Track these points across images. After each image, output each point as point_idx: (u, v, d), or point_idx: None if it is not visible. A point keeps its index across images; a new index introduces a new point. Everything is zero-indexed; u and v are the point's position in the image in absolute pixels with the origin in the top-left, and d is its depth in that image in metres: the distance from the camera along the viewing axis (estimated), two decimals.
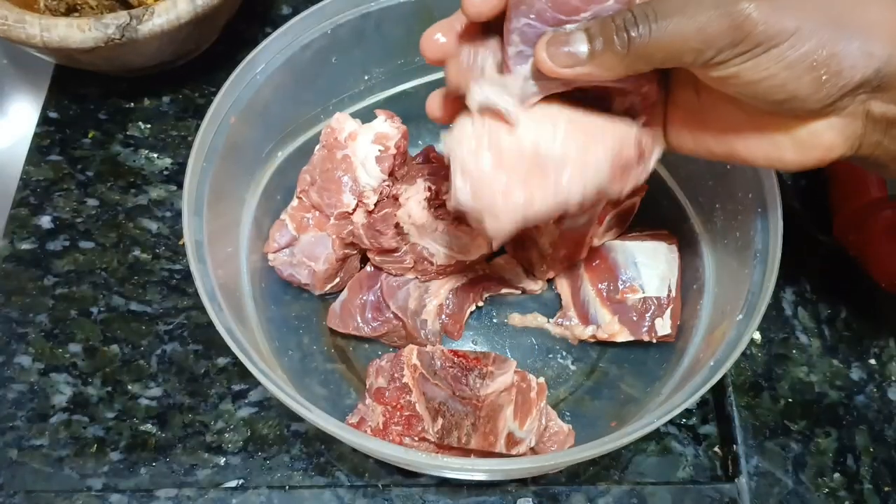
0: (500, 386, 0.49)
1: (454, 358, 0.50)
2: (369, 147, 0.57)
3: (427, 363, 0.51)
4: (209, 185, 0.49)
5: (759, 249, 0.48)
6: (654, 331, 0.56)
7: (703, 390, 0.43)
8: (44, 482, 0.54)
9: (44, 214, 0.64)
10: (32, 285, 0.61)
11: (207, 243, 0.47)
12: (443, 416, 0.50)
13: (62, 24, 0.57)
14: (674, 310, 0.57)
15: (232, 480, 0.54)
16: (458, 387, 0.49)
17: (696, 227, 0.58)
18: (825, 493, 0.54)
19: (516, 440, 0.50)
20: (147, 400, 0.57)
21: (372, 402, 0.51)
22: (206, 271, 0.46)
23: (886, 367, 0.59)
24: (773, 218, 0.48)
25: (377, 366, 0.53)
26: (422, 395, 0.50)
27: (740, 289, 0.48)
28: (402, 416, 0.50)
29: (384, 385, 0.51)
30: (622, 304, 0.57)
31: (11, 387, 0.57)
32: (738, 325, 0.46)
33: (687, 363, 0.52)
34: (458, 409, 0.49)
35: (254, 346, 0.46)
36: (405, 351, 0.52)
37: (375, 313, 0.58)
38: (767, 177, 0.49)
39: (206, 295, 0.45)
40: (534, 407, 0.51)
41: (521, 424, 0.50)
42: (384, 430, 0.50)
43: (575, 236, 0.57)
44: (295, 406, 0.42)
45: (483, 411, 0.49)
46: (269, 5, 0.77)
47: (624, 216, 0.61)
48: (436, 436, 0.49)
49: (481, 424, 0.48)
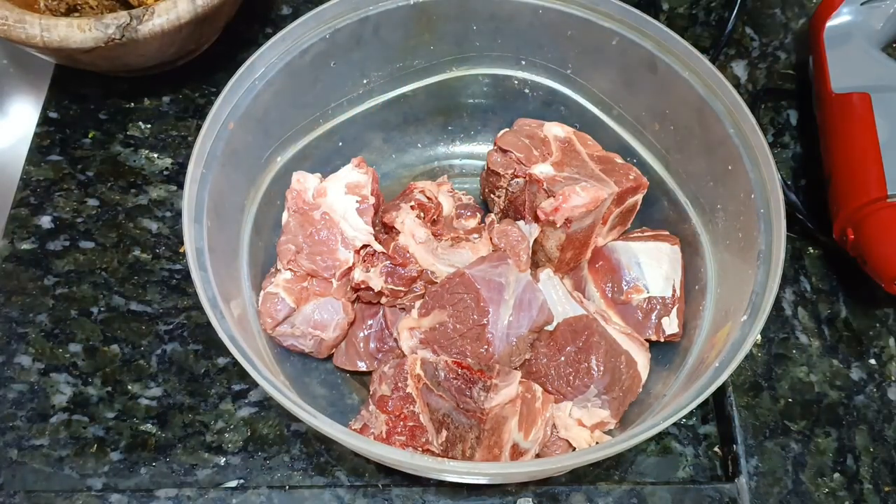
0: (505, 398, 0.48)
1: (458, 369, 0.49)
2: (345, 199, 0.56)
3: (431, 374, 0.50)
4: (209, 192, 0.49)
5: (762, 250, 0.48)
6: (660, 330, 0.56)
7: (710, 390, 0.43)
8: (44, 482, 0.54)
9: (44, 214, 0.64)
10: (33, 285, 0.61)
11: (208, 250, 0.47)
12: (447, 428, 0.49)
13: (62, 24, 0.57)
14: (679, 309, 0.57)
15: (232, 480, 0.54)
16: (461, 399, 0.48)
17: (697, 228, 0.58)
18: (825, 493, 0.54)
19: (521, 451, 0.50)
20: (147, 400, 0.57)
21: (375, 409, 0.51)
22: (207, 278, 0.46)
23: (886, 366, 0.59)
24: (776, 219, 0.48)
25: (381, 372, 0.52)
26: (426, 406, 0.50)
27: (744, 289, 0.48)
28: (406, 427, 0.50)
29: (387, 394, 0.51)
30: (627, 305, 0.57)
31: (11, 387, 0.57)
32: (742, 325, 0.46)
33: (691, 364, 0.52)
34: (463, 421, 0.48)
35: (255, 351, 0.46)
36: (409, 360, 0.51)
37: (379, 343, 0.57)
38: (770, 178, 0.49)
39: (207, 302, 0.45)
40: (539, 417, 0.50)
41: (525, 435, 0.49)
42: (387, 438, 0.50)
43: (581, 237, 0.57)
44: (300, 412, 0.42)
45: (487, 424, 0.48)
46: (269, 5, 0.77)
47: (627, 214, 0.61)
48: (440, 448, 0.49)
49: (486, 437, 0.48)
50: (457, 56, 0.63)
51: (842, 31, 0.65)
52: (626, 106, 0.61)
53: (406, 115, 0.66)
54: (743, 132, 0.52)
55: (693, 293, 0.57)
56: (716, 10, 0.76)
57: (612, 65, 0.59)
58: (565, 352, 0.53)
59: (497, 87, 0.65)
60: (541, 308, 0.54)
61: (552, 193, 0.56)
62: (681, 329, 0.56)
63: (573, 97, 0.63)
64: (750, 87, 0.72)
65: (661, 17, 0.75)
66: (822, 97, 0.64)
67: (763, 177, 0.50)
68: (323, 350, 0.56)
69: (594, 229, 0.58)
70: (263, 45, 0.53)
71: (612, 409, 0.52)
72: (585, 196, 0.55)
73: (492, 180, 0.61)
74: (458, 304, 0.52)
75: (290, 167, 0.59)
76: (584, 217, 0.55)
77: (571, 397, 0.52)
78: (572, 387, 0.52)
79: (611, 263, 0.59)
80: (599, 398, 0.52)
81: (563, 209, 0.54)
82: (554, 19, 0.58)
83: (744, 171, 0.51)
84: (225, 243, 0.52)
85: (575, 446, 0.52)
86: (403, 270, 0.55)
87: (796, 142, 0.70)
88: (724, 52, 0.72)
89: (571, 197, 0.54)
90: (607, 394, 0.52)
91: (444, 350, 0.52)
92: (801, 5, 0.75)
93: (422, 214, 0.58)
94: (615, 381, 0.52)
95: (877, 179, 0.57)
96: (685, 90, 0.55)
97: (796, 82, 0.72)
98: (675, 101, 0.56)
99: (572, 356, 0.53)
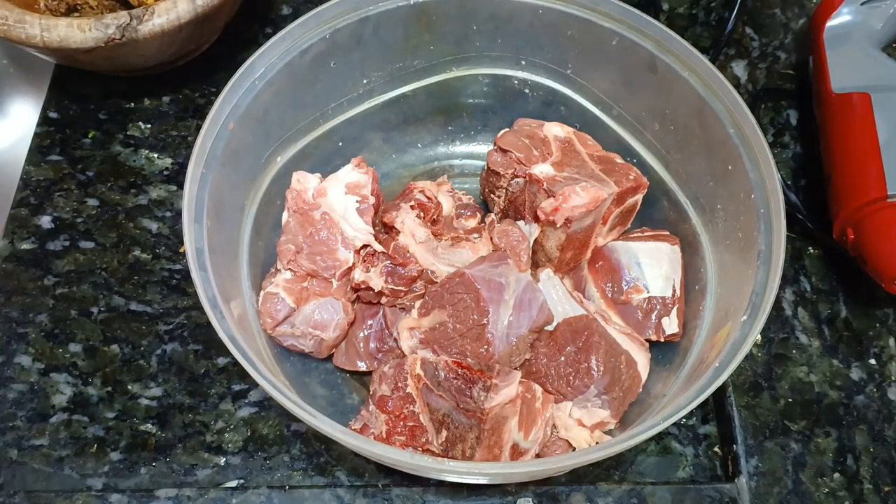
0: (505, 398, 0.48)
1: (458, 369, 0.49)
2: (345, 199, 0.56)
3: (431, 373, 0.50)
4: (209, 192, 0.49)
5: (763, 250, 0.48)
6: (661, 329, 0.56)
7: (710, 391, 0.43)
8: (44, 482, 0.54)
9: (44, 214, 0.64)
10: (33, 285, 0.61)
11: (208, 250, 0.47)
12: (447, 428, 0.49)
13: (62, 25, 0.57)
14: (679, 309, 0.57)
15: (232, 480, 0.54)
16: (461, 399, 0.48)
17: (697, 228, 0.58)
18: (825, 493, 0.54)
19: (521, 451, 0.50)
20: (147, 400, 0.57)
21: (375, 409, 0.51)
22: (207, 278, 0.46)
23: (886, 366, 0.59)
24: (776, 219, 0.48)
25: (380, 372, 0.52)
26: (426, 406, 0.50)
27: (744, 290, 0.48)
28: (406, 427, 0.50)
29: (387, 393, 0.51)
30: (627, 305, 0.57)
31: (11, 387, 0.57)
32: (742, 325, 0.46)
33: (691, 364, 0.52)
34: (463, 421, 0.48)
35: (255, 351, 0.46)
36: (409, 359, 0.51)
37: (379, 343, 0.57)
38: (770, 178, 0.49)
39: (207, 302, 0.45)
40: (539, 417, 0.50)
41: (525, 435, 0.49)
42: (387, 438, 0.50)
43: (581, 237, 0.57)
44: (299, 412, 0.42)
45: (487, 424, 0.47)
46: (269, 5, 0.77)
47: (627, 214, 0.61)
48: (440, 448, 0.49)
49: (486, 437, 0.48)
50: (457, 56, 0.63)
51: (842, 30, 0.65)
52: (626, 106, 0.61)
53: (406, 115, 0.66)
54: (743, 132, 0.52)
55: (693, 293, 0.57)
56: (716, 10, 0.76)
57: (612, 65, 0.59)
58: (565, 352, 0.53)
59: (497, 87, 0.65)
60: (541, 308, 0.54)
61: (552, 193, 0.56)
62: (681, 329, 0.56)
63: (573, 97, 0.63)
64: (750, 87, 0.72)
65: (661, 17, 0.75)
66: (822, 97, 0.64)
67: (763, 177, 0.50)
68: (323, 350, 0.56)
69: (594, 229, 0.58)
70: (263, 45, 0.53)
71: (612, 409, 0.52)
72: (585, 196, 0.55)
73: (492, 180, 0.61)
74: (458, 304, 0.52)
75: (290, 167, 0.59)
76: (583, 217, 0.55)
77: (571, 397, 0.52)
78: (572, 387, 0.52)
79: (611, 263, 0.59)
80: (599, 398, 0.52)
81: (562, 209, 0.54)
82: (554, 19, 0.58)
83: (744, 171, 0.51)
84: (225, 243, 0.52)
85: (575, 446, 0.52)
86: (403, 270, 0.55)
87: (796, 142, 0.70)
88: (724, 52, 0.72)
89: (571, 197, 0.54)
90: (607, 394, 0.52)
91: (444, 350, 0.52)
92: (801, 5, 0.75)
93: (422, 214, 0.58)
94: (615, 381, 0.52)
95: (877, 179, 0.57)
96: (685, 90, 0.55)
97: (796, 82, 0.72)
98: (676, 101, 0.56)
99: (572, 356, 0.53)
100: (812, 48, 0.66)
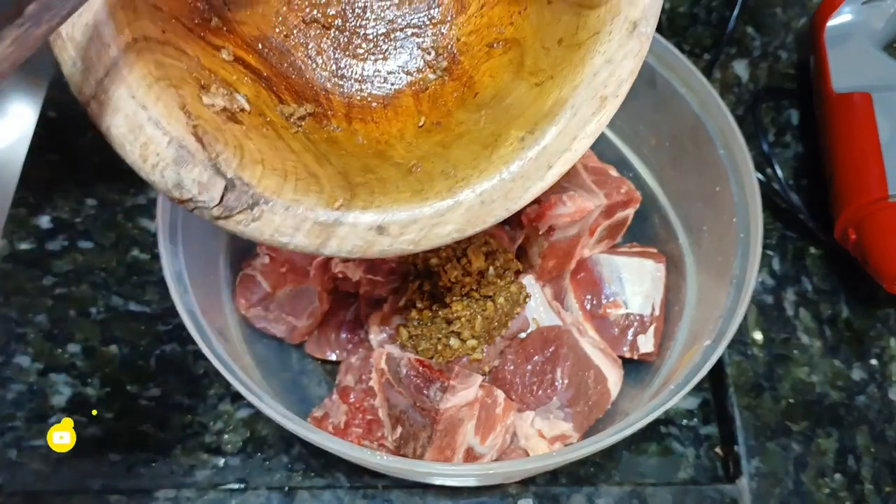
0: (462, 401, 0.48)
1: (419, 367, 0.48)
2: None
3: (393, 369, 0.49)
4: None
5: (737, 275, 0.48)
6: (635, 347, 0.55)
7: (655, 415, 0.42)
8: (43, 482, 0.53)
9: (43, 214, 0.64)
10: (31, 285, 0.61)
11: (181, 227, 0.48)
12: (402, 424, 0.49)
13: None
14: (657, 328, 0.56)
15: (231, 481, 0.54)
16: (419, 397, 0.48)
17: (684, 248, 0.57)
18: (826, 494, 0.54)
19: (476, 455, 0.49)
20: (146, 400, 0.57)
21: (338, 399, 0.51)
22: (175, 252, 0.47)
23: (887, 367, 0.59)
24: (753, 245, 0.48)
25: (348, 363, 0.53)
26: (385, 401, 0.50)
27: (714, 314, 0.48)
28: (364, 420, 0.50)
29: (351, 385, 0.51)
30: (604, 319, 0.57)
31: (11, 387, 0.57)
32: (705, 350, 0.45)
33: (657, 385, 0.52)
34: (418, 419, 0.48)
35: (219, 329, 0.46)
36: (375, 353, 0.51)
37: (350, 335, 0.57)
38: (753, 202, 0.49)
39: (172, 277, 0.45)
40: (498, 423, 0.49)
41: (482, 440, 0.48)
42: (345, 429, 0.50)
43: (565, 247, 0.56)
44: (247, 394, 0.42)
45: (440, 425, 0.47)
46: None
47: (616, 228, 0.60)
48: (394, 444, 0.49)
49: (437, 438, 0.47)
50: None
51: (843, 30, 0.64)
52: (626, 118, 0.61)
53: None
54: (732, 153, 0.51)
55: (672, 313, 0.56)
56: (717, 10, 0.76)
57: None
58: (532, 361, 0.52)
59: None
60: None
61: (538, 200, 0.55)
62: (656, 349, 0.56)
63: None
64: (751, 87, 0.71)
65: (661, 16, 0.75)
66: (823, 97, 0.64)
67: (746, 201, 0.49)
68: (295, 336, 0.57)
69: (580, 240, 0.57)
70: None
71: (575, 422, 0.52)
72: (571, 206, 0.54)
73: None
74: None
75: None
76: (568, 227, 0.54)
77: (534, 407, 0.52)
78: (535, 397, 0.51)
79: (592, 276, 0.58)
80: (563, 411, 0.51)
81: (546, 216, 0.54)
82: None
83: (729, 193, 0.51)
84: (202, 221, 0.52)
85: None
86: (381, 262, 0.55)
87: (797, 141, 0.70)
88: (725, 51, 0.72)
89: (556, 205, 0.54)
90: (570, 407, 0.51)
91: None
92: (801, 5, 0.75)
93: None
94: (580, 395, 0.52)
95: (878, 179, 0.57)
96: (682, 107, 0.54)
97: (797, 82, 0.72)
98: (672, 118, 0.56)
99: (538, 366, 0.52)
100: (813, 48, 0.66)
